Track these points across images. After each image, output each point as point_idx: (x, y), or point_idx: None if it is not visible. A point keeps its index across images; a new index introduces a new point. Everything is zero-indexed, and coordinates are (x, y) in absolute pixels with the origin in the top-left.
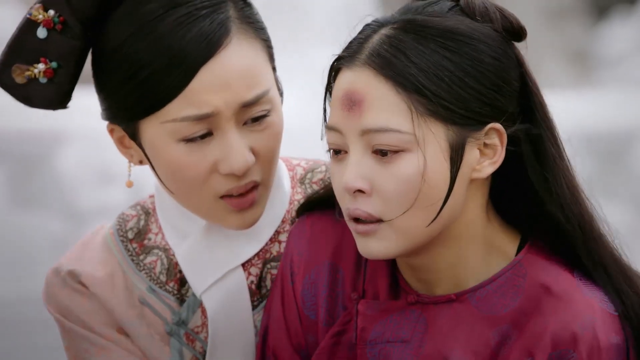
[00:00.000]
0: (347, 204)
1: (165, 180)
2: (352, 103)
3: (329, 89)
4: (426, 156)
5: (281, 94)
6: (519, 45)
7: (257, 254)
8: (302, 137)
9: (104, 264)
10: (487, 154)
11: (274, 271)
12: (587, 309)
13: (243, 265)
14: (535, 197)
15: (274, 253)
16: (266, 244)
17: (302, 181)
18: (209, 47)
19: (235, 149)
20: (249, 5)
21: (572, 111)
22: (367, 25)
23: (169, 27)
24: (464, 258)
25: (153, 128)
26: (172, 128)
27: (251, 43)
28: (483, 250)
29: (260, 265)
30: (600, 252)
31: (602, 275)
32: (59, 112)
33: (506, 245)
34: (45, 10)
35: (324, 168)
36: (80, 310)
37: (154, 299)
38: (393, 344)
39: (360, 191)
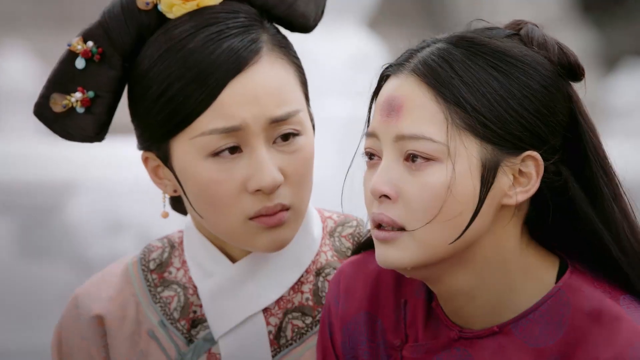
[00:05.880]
0: (373, 210)
1: (195, 203)
2: (391, 108)
3: (375, 96)
4: (455, 169)
5: (313, 126)
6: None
7: (277, 303)
8: (318, 187)
9: (119, 292)
10: (521, 182)
11: (296, 322)
12: (637, 337)
13: (263, 314)
14: (590, 233)
15: (296, 303)
16: (288, 294)
17: (331, 234)
18: (239, 62)
19: (263, 165)
20: (283, 35)
21: None
22: (424, 40)
23: (199, 44)
24: (496, 286)
25: (183, 146)
26: (200, 143)
27: (282, 64)
28: (519, 279)
29: (280, 315)
30: None
31: None
32: (69, 163)
33: (544, 272)
34: (85, 41)
35: (354, 223)
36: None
37: (163, 334)
38: None
39: (386, 197)
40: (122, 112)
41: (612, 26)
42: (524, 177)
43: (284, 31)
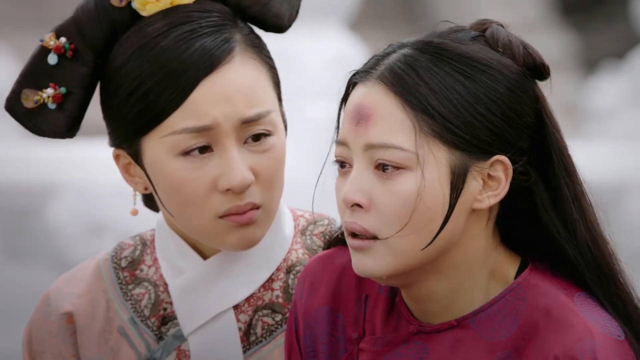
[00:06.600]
0: (346, 218)
1: (166, 201)
2: (360, 117)
3: (344, 102)
4: (425, 176)
5: (285, 126)
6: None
7: (247, 301)
8: (298, 190)
9: (89, 289)
10: (490, 186)
11: (266, 319)
12: (587, 334)
13: (233, 311)
14: (547, 233)
15: (266, 301)
16: (259, 291)
17: (303, 232)
18: (211, 61)
19: (233, 164)
20: (256, 35)
21: None
22: (390, 45)
23: (171, 42)
24: (463, 287)
25: (154, 144)
26: (171, 142)
27: (255, 64)
28: (484, 279)
29: (250, 313)
30: (613, 290)
31: (614, 305)
32: (50, 166)
33: (507, 269)
34: (57, 37)
35: (326, 222)
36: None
37: (133, 331)
38: None
39: (359, 206)
40: (101, 114)
41: (592, 28)
42: (493, 181)
43: (258, 31)
